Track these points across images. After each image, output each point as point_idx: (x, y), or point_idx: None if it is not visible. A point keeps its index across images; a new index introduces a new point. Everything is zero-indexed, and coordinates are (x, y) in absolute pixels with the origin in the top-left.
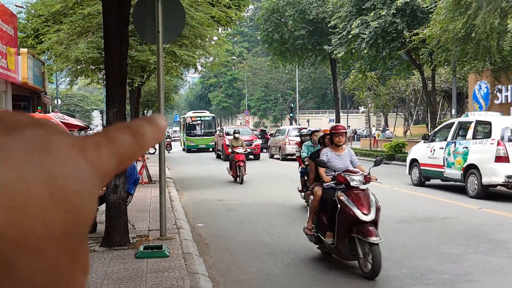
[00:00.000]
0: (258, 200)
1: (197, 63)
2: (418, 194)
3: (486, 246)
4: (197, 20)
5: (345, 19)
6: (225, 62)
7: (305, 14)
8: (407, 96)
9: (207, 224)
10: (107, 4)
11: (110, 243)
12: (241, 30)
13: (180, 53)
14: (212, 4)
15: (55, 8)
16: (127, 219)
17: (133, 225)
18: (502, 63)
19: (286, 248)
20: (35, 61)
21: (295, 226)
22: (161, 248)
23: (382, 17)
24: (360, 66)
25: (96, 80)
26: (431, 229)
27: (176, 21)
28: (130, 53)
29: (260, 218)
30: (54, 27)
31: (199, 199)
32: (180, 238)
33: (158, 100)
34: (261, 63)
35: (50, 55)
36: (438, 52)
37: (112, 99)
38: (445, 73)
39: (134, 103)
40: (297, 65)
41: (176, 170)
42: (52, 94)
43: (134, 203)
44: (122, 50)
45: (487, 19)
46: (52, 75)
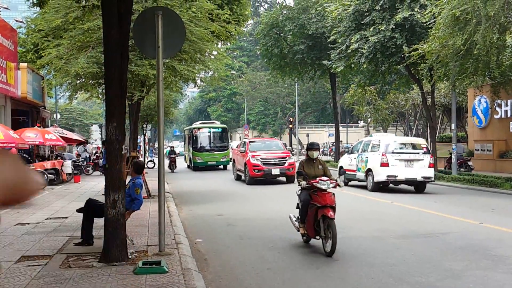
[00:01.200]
0: (258, 215)
1: (197, 77)
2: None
3: (486, 262)
4: (197, 35)
5: (344, 34)
6: (224, 77)
7: (305, 29)
8: (406, 111)
9: (206, 239)
10: (108, 19)
11: (108, 259)
12: (240, 44)
13: (179, 68)
14: (212, 19)
15: (55, 23)
16: (125, 235)
17: (131, 240)
18: (502, 78)
19: (285, 264)
20: (35, 76)
21: (295, 242)
22: (160, 264)
23: (381, 32)
24: (360, 80)
25: (96, 94)
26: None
27: (176, 37)
28: (130, 67)
29: (260, 233)
30: (54, 42)
31: (198, 214)
32: (179, 254)
33: (158, 114)
34: (261, 77)
35: (49, 70)
36: (438, 67)
37: (111, 113)
38: (445, 88)
39: (133, 117)
40: (297, 80)
41: (175, 185)
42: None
43: (133, 218)
44: (122, 65)
45: (487, 35)
46: (52, 90)
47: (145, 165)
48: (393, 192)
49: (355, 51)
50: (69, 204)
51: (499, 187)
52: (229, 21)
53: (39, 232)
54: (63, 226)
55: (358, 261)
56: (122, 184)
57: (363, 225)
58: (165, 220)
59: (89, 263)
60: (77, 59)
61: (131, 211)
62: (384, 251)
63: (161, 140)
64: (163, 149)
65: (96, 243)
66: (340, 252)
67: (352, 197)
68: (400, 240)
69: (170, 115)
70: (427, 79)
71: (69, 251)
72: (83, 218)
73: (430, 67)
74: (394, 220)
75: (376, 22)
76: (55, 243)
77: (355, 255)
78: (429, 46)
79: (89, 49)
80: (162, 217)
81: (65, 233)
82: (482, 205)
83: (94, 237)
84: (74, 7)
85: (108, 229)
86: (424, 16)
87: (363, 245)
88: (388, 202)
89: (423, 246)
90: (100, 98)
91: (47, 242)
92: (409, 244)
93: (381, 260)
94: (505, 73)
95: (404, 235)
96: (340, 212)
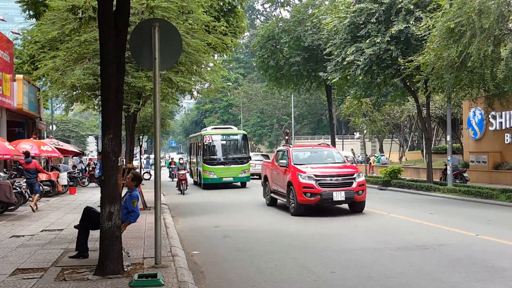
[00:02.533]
0: (254, 226)
1: (193, 89)
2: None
3: (484, 274)
4: (193, 47)
5: (340, 46)
6: (220, 88)
7: (300, 41)
8: (402, 122)
9: (203, 251)
10: (104, 31)
11: (104, 272)
12: (237, 56)
13: (176, 79)
14: (208, 31)
15: (52, 34)
16: (121, 247)
17: (127, 253)
18: (496, 90)
19: (283, 277)
20: (31, 87)
21: (293, 253)
22: (156, 277)
23: (377, 45)
24: (355, 92)
25: (92, 106)
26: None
27: (173, 48)
28: (126, 79)
29: (257, 245)
30: (50, 54)
31: (194, 225)
32: (175, 266)
33: (154, 126)
34: (257, 89)
35: (45, 81)
36: (433, 79)
37: (108, 125)
38: (440, 100)
39: (129, 129)
40: (293, 91)
41: (171, 196)
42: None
43: (129, 230)
44: (119, 77)
45: (481, 47)
46: (48, 101)
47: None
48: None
49: (350, 63)
50: (65, 216)
51: (495, 199)
52: (226, 33)
53: (34, 245)
54: (58, 238)
55: (356, 274)
56: (118, 196)
57: (360, 237)
58: (161, 232)
59: (85, 276)
60: (74, 71)
61: (127, 223)
62: (382, 264)
63: (157, 151)
64: (159, 160)
65: (92, 256)
66: (338, 264)
67: (346, 209)
68: (397, 252)
69: (167, 126)
70: (423, 91)
71: (64, 264)
72: (78, 230)
73: (425, 79)
74: (391, 232)
75: (372, 34)
76: (50, 255)
77: (353, 268)
78: (424, 58)
79: (85, 61)
80: (158, 230)
81: (60, 246)
82: (478, 216)
83: (90, 250)
84: (71, 19)
85: (103, 241)
86: (419, 28)
87: (360, 257)
88: (385, 213)
89: (420, 258)
90: (96, 109)
91: (42, 254)
92: (406, 256)
93: (380, 272)
94: (500, 85)
95: (401, 247)
96: (337, 223)
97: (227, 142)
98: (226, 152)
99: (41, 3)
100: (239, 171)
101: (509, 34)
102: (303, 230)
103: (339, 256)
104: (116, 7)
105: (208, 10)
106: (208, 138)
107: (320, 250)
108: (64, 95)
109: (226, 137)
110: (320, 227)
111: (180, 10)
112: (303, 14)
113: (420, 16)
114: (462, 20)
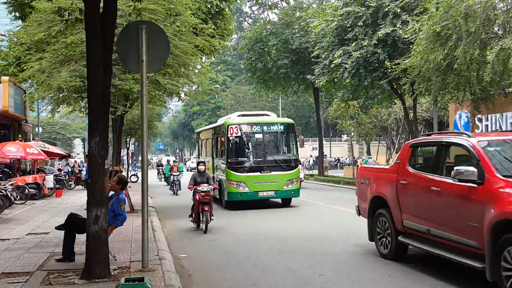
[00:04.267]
0: (242, 229)
1: (181, 91)
2: None
3: None
4: (181, 49)
5: (328, 49)
6: (208, 91)
7: (288, 44)
8: (389, 125)
9: (190, 254)
10: (91, 33)
11: (90, 276)
12: (224, 58)
13: (163, 82)
14: (196, 33)
15: (38, 36)
16: (108, 251)
17: (114, 257)
18: (482, 94)
19: (270, 279)
20: (17, 89)
21: (281, 257)
22: (143, 281)
23: (364, 48)
24: (343, 95)
25: (79, 108)
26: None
27: (161, 51)
28: (113, 81)
29: (244, 248)
30: (36, 56)
31: (182, 228)
32: (162, 270)
33: (142, 129)
34: (245, 91)
35: (32, 83)
36: (419, 82)
37: (94, 128)
38: (427, 103)
39: (116, 131)
40: (280, 94)
41: (159, 199)
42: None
43: (116, 233)
44: (106, 80)
45: (467, 51)
46: (34, 103)
47: (129, 179)
48: None
49: (338, 66)
50: (51, 219)
51: None
52: (213, 36)
53: (20, 248)
54: (44, 241)
55: (343, 277)
56: (105, 200)
57: (344, 239)
58: (148, 235)
59: (71, 280)
60: (60, 73)
61: (114, 227)
62: (372, 269)
63: (144, 154)
64: (147, 163)
65: (78, 259)
66: (326, 268)
67: (330, 209)
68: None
69: (154, 129)
70: (409, 94)
71: (50, 268)
72: (64, 233)
73: (412, 82)
74: None
75: (359, 37)
76: (36, 259)
77: (340, 271)
78: (411, 61)
79: (72, 63)
80: (145, 233)
81: (46, 249)
82: None
83: (76, 253)
84: (57, 20)
85: (90, 245)
86: (406, 32)
87: (348, 261)
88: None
89: (416, 263)
90: (83, 112)
91: (28, 258)
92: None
93: (367, 276)
94: (486, 88)
95: None
96: (321, 226)
97: (265, 136)
98: (264, 151)
99: (27, 5)
100: (284, 181)
101: (495, 37)
102: None
103: (329, 259)
104: (102, 9)
105: (196, 13)
106: (235, 129)
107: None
108: (50, 97)
109: (263, 128)
110: None
111: (167, 12)
112: (291, 17)
113: (407, 20)
114: (449, 24)
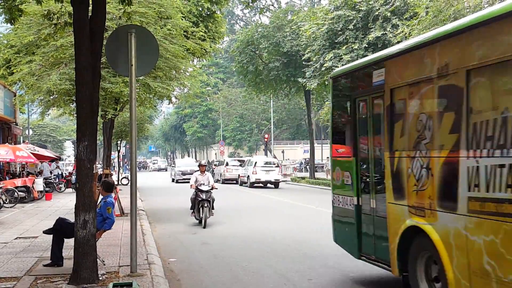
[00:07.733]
0: (232, 232)
1: (172, 95)
2: None
3: None
4: (171, 52)
5: (319, 53)
6: (199, 94)
7: (279, 47)
8: None
9: (180, 258)
10: (80, 37)
11: (78, 281)
12: (216, 61)
13: (154, 85)
14: (187, 36)
15: (28, 39)
16: (96, 255)
17: (102, 261)
18: None
19: (260, 284)
20: (6, 92)
21: (270, 261)
22: (131, 286)
23: (355, 51)
24: None
25: (69, 111)
26: None
27: (150, 55)
28: (103, 84)
29: (234, 252)
30: (26, 58)
31: (172, 232)
32: (151, 275)
33: (130, 133)
34: (236, 94)
35: (22, 86)
36: None
37: (83, 132)
38: None
39: (107, 134)
40: (272, 96)
41: (149, 202)
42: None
43: (105, 237)
44: (94, 84)
45: None
46: (24, 106)
47: (120, 181)
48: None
49: (329, 69)
50: (40, 223)
51: None
52: (204, 39)
53: (8, 253)
54: (32, 246)
55: (331, 279)
56: (93, 204)
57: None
58: (138, 239)
59: (58, 285)
60: (50, 76)
61: (103, 231)
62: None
63: (133, 157)
64: (136, 166)
65: (66, 264)
66: (315, 272)
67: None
68: None
69: (145, 131)
70: None
71: (38, 273)
72: (52, 238)
73: None
74: None
75: (349, 41)
76: (23, 264)
77: (330, 273)
78: None
79: (61, 66)
80: (134, 237)
81: (35, 254)
82: None
83: (64, 258)
84: (47, 24)
85: (78, 250)
86: (396, 36)
87: (338, 265)
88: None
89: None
90: (73, 114)
91: (16, 263)
92: None
93: (357, 280)
94: None
95: None
96: (312, 229)
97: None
98: None
99: (16, 8)
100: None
101: None
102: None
103: (319, 261)
104: (91, 13)
105: (187, 16)
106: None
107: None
108: (40, 100)
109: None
110: None
111: (158, 16)
112: (282, 20)
113: (397, 24)
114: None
